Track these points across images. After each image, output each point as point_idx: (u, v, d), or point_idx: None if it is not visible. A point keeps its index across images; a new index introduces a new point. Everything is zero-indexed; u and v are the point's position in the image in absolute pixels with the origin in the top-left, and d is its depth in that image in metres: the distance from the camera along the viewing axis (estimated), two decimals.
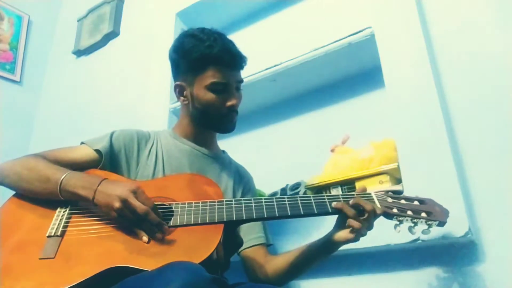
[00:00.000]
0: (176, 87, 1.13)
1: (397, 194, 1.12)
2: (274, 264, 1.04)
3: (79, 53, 2.47)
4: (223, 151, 1.24)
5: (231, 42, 1.10)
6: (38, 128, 2.47)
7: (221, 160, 1.18)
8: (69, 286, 0.74)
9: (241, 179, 1.20)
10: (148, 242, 0.82)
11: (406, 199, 0.91)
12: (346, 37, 1.35)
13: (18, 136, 2.36)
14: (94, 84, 2.30)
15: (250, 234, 1.10)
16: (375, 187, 1.17)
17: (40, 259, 0.80)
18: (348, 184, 1.23)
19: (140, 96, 1.95)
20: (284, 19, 1.79)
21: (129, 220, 0.84)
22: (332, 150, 1.35)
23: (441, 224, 0.86)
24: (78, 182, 0.89)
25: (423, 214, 0.86)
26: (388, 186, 1.15)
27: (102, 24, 2.38)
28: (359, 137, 1.33)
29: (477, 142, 1.11)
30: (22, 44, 2.51)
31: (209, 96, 1.05)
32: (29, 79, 2.52)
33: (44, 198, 0.93)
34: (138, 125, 1.82)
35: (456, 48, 1.23)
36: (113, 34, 2.32)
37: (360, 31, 1.33)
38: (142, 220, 0.83)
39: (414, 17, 1.25)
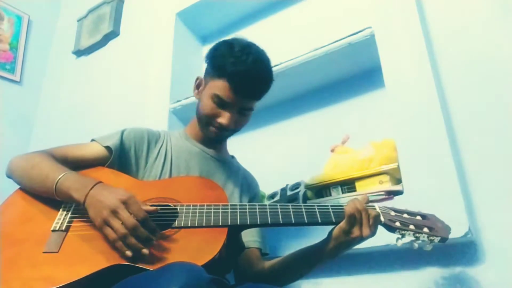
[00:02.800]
0: (197, 79, 1.15)
1: (397, 194, 1.12)
2: (266, 264, 1.04)
3: (79, 53, 2.47)
4: (232, 156, 1.24)
5: (261, 70, 1.04)
6: (38, 128, 2.47)
7: (229, 165, 1.18)
8: (71, 281, 0.74)
9: (249, 186, 1.19)
10: (130, 258, 0.77)
11: (409, 213, 0.91)
12: (346, 37, 1.35)
13: (18, 136, 2.36)
14: (94, 84, 2.30)
15: (246, 237, 1.09)
16: (375, 187, 1.17)
17: (43, 253, 0.80)
18: (348, 184, 1.23)
19: (140, 96, 1.95)
20: (284, 19, 1.79)
21: (112, 233, 0.79)
22: (332, 150, 1.35)
23: (443, 240, 0.86)
24: (73, 184, 0.87)
25: (425, 229, 0.87)
26: (388, 186, 1.15)
27: (102, 24, 2.37)
28: (359, 137, 1.33)
29: (477, 142, 1.11)
30: (22, 44, 2.51)
31: (208, 103, 1.05)
32: (29, 79, 2.52)
33: (44, 196, 0.92)
34: (138, 125, 1.82)
35: (456, 48, 1.23)
36: (113, 34, 2.32)
37: (360, 31, 1.33)
38: (127, 235, 0.78)
39: (414, 17, 1.25)
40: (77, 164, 0.98)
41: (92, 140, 1.06)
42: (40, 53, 2.63)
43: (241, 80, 1.00)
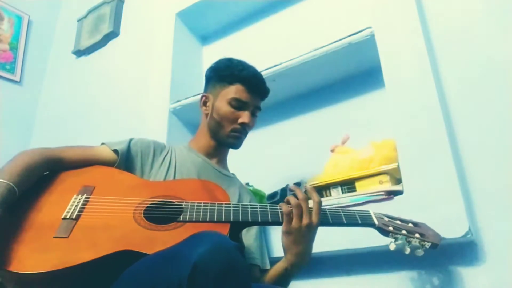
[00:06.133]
0: (202, 97, 1.24)
1: (397, 194, 1.12)
2: (265, 278, 1.05)
3: (79, 53, 2.47)
4: (233, 174, 1.27)
5: (261, 75, 1.22)
6: (38, 128, 2.47)
7: (230, 178, 1.22)
8: (79, 263, 0.76)
9: (245, 200, 1.20)
10: None
11: (401, 220, 0.95)
12: (346, 37, 1.35)
13: (18, 136, 2.36)
14: (94, 84, 2.30)
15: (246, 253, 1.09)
16: (375, 187, 1.17)
17: (54, 237, 0.82)
18: (348, 184, 1.23)
19: (140, 97, 1.95)
20: (284, 19, 1.79)
21: None
22: (332, 150, 1.36)
23: (434, 245, 0.90)
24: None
25: (417, 235, 0.91)
26: (388, 186, 1.15)
27: (102, 24, 2.38)
28: (359, 137, 1.34)
29: (477, 142, 1.11)
30: (22, 44, 2.51)
31: (227, 109, 1.15)
32: (29, 79, 2.52)
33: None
34: (138, 125, 1.82)
35: (456, 48, 1.23)
36: (113, 34, 2.32)
37: (360, 31, 1.33)
38: None
39: (414, 17, 1.25)
40: (89, 164, 1.05)
41: (102, 143, 1.12)
42: (40, 53, 2.63)
43: (253, 81, 1.17)
